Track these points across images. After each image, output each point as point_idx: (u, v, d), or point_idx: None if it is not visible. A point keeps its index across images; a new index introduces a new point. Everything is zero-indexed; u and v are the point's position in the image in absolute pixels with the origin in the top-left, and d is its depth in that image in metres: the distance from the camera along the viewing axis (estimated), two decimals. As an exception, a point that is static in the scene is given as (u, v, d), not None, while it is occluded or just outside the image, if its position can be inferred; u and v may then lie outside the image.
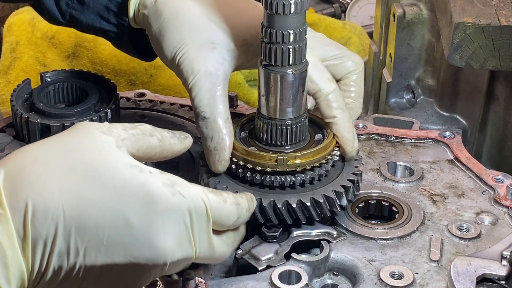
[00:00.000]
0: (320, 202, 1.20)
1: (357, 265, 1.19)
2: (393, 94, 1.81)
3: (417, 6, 1.73)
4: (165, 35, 1.26)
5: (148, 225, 0.98)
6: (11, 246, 0.93)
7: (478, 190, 1.36)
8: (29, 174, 0.96)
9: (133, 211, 0.98)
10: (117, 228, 0.97)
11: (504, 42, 1.49)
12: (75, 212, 0.96)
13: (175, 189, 1.01)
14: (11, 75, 2.01)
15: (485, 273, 1.13)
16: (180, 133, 1.14)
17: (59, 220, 0.95)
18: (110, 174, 0.98)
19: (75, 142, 1.00)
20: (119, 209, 0.97)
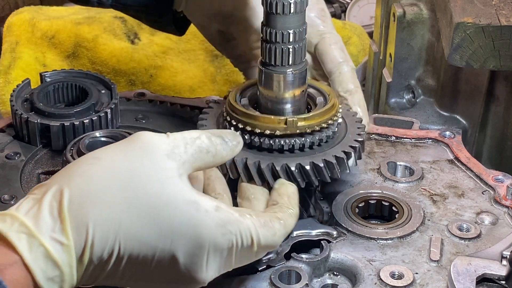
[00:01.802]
0: (332, 163, 1.20)
1: (357, 265, 1.19)
2: (393, 94, 1.81)
3: (417, 6, 1.73)
4: None
5: (193, 263, 1.02)
6: (70, 274, 0.97)
7: (478, 190, 1.36)
8: (93, 203, 0.97)
9: (183, 251, 1.00)
10: (164, 265, 1.01)
11: (504, 42, 1.48)
12: (130, 248, 0.98)
13: (227, 228, 1.02)
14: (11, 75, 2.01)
15: (485, 273, 1.13)
16: (233, 137, 1.11)
17: (114, 252, 0.98)
18: (169, 214, 0.99)
19: (140, 169, 1.00)
20: (170, 250, 1.00)
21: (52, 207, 0.97)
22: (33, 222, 0.95)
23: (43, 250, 0.94)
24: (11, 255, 0.94)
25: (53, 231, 0.95)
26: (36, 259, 0.94)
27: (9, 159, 1.40)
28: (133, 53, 2.00)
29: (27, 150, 1.42)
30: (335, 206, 1.30)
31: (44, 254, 0.94)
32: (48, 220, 0.96)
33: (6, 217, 0.96)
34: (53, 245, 0.95)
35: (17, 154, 1.41)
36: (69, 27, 2.10)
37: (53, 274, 0.95)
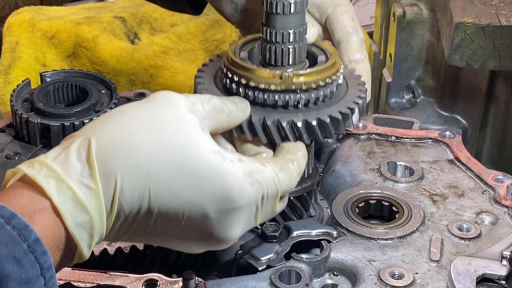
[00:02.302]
0: (326, 123, 1.16)
1: (357, 265, 1.19)
2: (393, 94, 1.81)
3: (417, 6, 1.73)
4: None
5: (224, 218, 1.02)
6: (100, 220, 0.96)
7: (478, 190, 1.36)
8: (121, 151, 0.97)
9: (213, 206, 1.00)
10: (195, 219, 1.00)
11: (504, 42, 1.48)
12: (159, 197, 0.98)
13: (254, 178, 1.03)
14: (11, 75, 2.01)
15: (485, 273, 1.13)
16: (240, 101, 1.13)
17: (144, 201, 0.97)
18: (197, 162, 0.99)
19: (164, 120, 1.01)
20: (200, 203, 0.99)
21: (80, 153, 0.96)
22: (61, 167, 0.95)
23: (71, 194, 0.94)
24: (40, 200, 0.93)
25: (82, 176, 0.95)
26: (65, 202, 0.93)
27: (9, 159, 1.40)
28: (133, 53, 2.00)
29: (27, 150, 1.42)
30: (335, 206, 1.30)
31: (73, 197, 0.94)
32: (76, 165, 0.95)
33: (35, 163, 0.96)
34: (81, 189, 0.94)
35: (17, 154, 1.41)
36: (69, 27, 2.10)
37: (82, 219, 0.94)
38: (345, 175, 1.40)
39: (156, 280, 1.13)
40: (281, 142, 1.15)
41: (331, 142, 1.50)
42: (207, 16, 2.04)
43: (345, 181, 1.39)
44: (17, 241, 0.88)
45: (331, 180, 1.42)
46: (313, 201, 1.36)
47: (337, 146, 1.49)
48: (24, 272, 0.88)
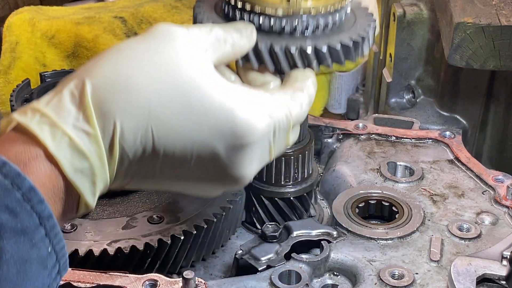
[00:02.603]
0: (337, 50, 1.10)
1: (357, 265, 1.19)
2: (393, 94, 1.81)
3: (417, 6, 1.73)
4: None
5: (235, 156, 0.96)
6: (101, 166, 0.91)
7: (478, 190, 1.36)
8: (118, 91, 0.91)
9: (222, 144, 0.95)
10: (204, 158, 0.95)
11: (504, 42, 1.48)
12: (164, 137, 0.92)
13: (264, 109, 0.97)
14: (11, 75, 2.01)
15: (485, 273, 1.13)
16: (245, 27, 1.06)
17: (148, 143, 0.92)
18: (200, 98, 0.93)
19: (163, 55, 0.94)
20: (208, 141, 0.94)
21: (74, 97, 0.91)
22: (55, 112, 0.90)
23: (67, 140, 0.89)
24: (34, 148, 0.88)
25: (77, 120, 0.90)
26: (61, 149, 0.88)
27: (9, 159, 1.40)
28: (133, 53, 2.00)
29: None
30: (335, 206, 1.30)
31: (69, 143, 0.89)
32: (70, 109, 0.90)
33: (27, 110, 0.91)
34: (77, 134, 0.89)
35: (17, 154, 1.41)
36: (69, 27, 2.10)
37: (81, 165, 0.90)
38: (345, 175, 1.40)
39: (156, 280, 1.13)
40: (289, 70, 1.09)
41: (331, 142, 1.50)
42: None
43: (345, 181, 1.39)
44: (9, 189, 0.83)
45: (331, 180, 1.42)
46: (313, 201, 1.36)
47: (337, 146, 1.49)
48: (20, 222, 0.82)
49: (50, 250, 0.85)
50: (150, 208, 1.28)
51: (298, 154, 1.29)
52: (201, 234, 1.23)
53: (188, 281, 1.10)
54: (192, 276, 1.10)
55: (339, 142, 1.49)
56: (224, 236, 1.29)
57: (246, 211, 1.36)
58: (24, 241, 0.83)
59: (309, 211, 1.35)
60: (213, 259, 1.30)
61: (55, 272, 0.87)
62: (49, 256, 0.85)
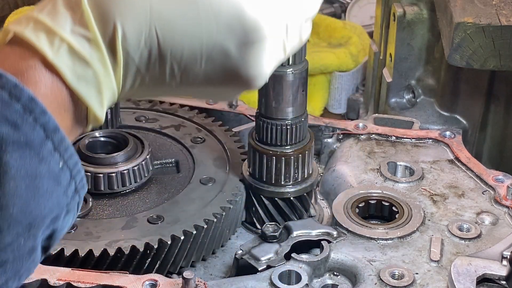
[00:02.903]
0: None
1: (357, 265, 1.19)
2: (393, 94, 1.81)
3: (417, 6, 1.72)
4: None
5: (247, 53, 0.91)
6: (105, 73, 0.86)
7: (479, 190, 1.35)
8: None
9: (232, 42, 0.89)
10: (215, 58, 0.90)
11: (504, 42, 1.48)
12: (169, 37, 0.87)
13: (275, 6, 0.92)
14: (11, 75, 2.01)
15: (485, 273, 1.13)
16: None
17: (153, 45, 0.87)
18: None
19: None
20: (216, 39, 0.89)
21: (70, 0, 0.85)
22: (50, 18, 0.84)
23: (66, 46, 0.84)
24: (31, 58, 0.83)
25: (74, 25, 0.84)
26: (60, 56, 0.83)
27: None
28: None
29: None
30: (335, 206, 1.30)
31: (68, 50, 0.84)
32: (66, 14, 0.85)
33: (21, 19, 0.85)
34: (76, 39, 0.84)
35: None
36: (69, 27, 2.10)
37: (84, 72, 0.85)
38: (345, 175, 1.40)
39: (156, 280, 1.13)
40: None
41: (331, 142, 1.50)
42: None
43: (345, 181, 1.39)
44: (7, 101, 0.77)
45: (331, 180, 1.42)
46: (313, 201, 1.36)
47: (337, 146, 1.49)
48: (23, 135, 0.77)
49: (61, 166, 0.81)
50: (150, 208, 1.28)
51: (298, 154, 1.29)
52: (201, 234, 1.23)
53: (188, 281, 1.10)
54: (192, 276, 1.10)
55: (339, 142, 1.49)
56: (224, 236, 1.29)
57: (246, 211, 1.36)
58: (31, 156, 0.78)
59: (309, 211, 1.35)
60: (213, 259, 1.30)
61: (71, 190, 0.83)
62: (62, 172, 0.81)
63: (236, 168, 1.36)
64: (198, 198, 1.29)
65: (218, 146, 1.43)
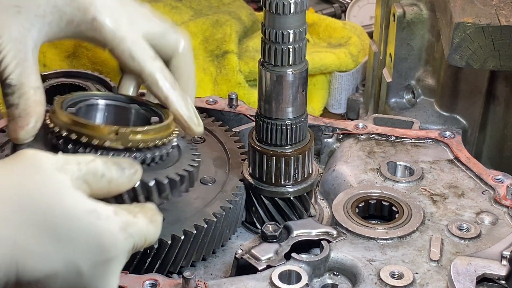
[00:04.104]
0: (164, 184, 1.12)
1: (357, 265, 1.19)
2: (393, 94, 1.81)
3: (417, 6, 1.73)
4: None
5: (99, 272, 0.96)
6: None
7: (478, 190, 1.36)
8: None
9: (87, 261, 0.95)
10: (68, 279, 0.95)
11: (504, 42, 1.48)
12: (29, 267, 0.91)
13: (128, 231, 0.97)
14: (11, 75, 2.01)
15: (485, 273, 1.13)
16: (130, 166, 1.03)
17: (11, 276, 0.91)
18: (68, 224, 0.93)
19: (29, 182, 0.93)
20: (72, 260, 0.94)
21: None
22: None
23: None
24: None
25: None
26: None
27: (9, 159, 1.40)
28: (133, 53, 2.00)
29: (27, 150, 1.41)
30: (335, 206, 1.30)
31: None
32: None
33: None
34: None
35: (17, 154, 1.40)
36: (69, 27, 2.10)
37: None
38: (345, 175, 1.40)
39: (156, 280, 1.13)
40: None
41: (331, 142, 1.50)
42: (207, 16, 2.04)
43: (345, 181, 1.39)
44: None
45: (331, 180, 1.42)
46: (313, 201, 1.37)
47: (337, 146, 1.49)
48: None
49: None
50: (150, 208, 1.28)
51: (298, 154, 1.29)
52: (201, 234, 1.23)
53: (188, 281, 1.10)
54: (192, 276, 1.10)
55: (339, 142, 1.49)
56: (224, 235, 1.29)
57: (246, 211, 1.36)
58: None
59: (309, 211, 1.35)
60: (213, 259, 1.30)
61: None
62: None
63: (236, 168, 1.36)
64: (198, 198, 1.29)
65: (218, 146, 1.43)
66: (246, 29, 2.03)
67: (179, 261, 1.22)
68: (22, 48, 1.12)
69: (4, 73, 1.10)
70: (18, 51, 1.11)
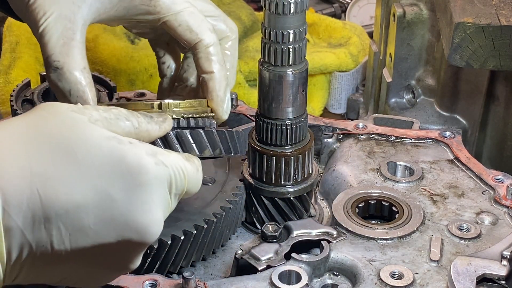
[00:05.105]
0: (199, 133, 1.12)
1: (357, 265, 1.19)
2: (393, 94, 1.81)
3: (417, 6, 1.73)
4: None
5: (135, 199, 0.90)
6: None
7: (478, 190, 1.36)
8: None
9: (117, 187, 0.89)
10: (102, 208, 0.89)
11: (504, 42, 1.48)
12: (53, 196, 0.86)
13: (158, 158, 0.93)
14: (11, 75, 2.01)
15: (485, 273, 1.13)
16: (158, 115, 1.03)
17: (36, 207, 0.86)
18: (86, 148, 0.88)
19: (43, 120, 0.90)
20: (100, 187, 0.88)
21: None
22: None
23: None
24: None
25: None
26: None
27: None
28: (133, 52, 2.00)
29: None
30: (335, 206, 1.30)
31: None
32: None
33: None
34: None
35: (17, 154, 1.40)
36: (69, 27, 2.10)
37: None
38: (345, 175, 1.40)
39: (156, 280, 1.13)
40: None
41: (331, 142, 1.50)
42: (207, 16, 2.04)
43: (345, 181, 1.39)
44: None
45: (331, 180, 1.42)
46: (313, 201, 1.37)
47: (337, 146, 1.49)
48: None
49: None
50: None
51: (298, 154, 1.29)
52: (201, 234, 1.23)
53: (188, 281, 1.10)
54: (192, 276, 1.10)
55: (339, 142, 1.49)
56: (224, 236, 1.29)
57: (246, 211, 1.36)
58: None
59: (309, 211, 1.35)
60: (213, 259, 1.30)
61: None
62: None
63: (236, 168, 1.36)
64: (198, 198, 1.29)
65: (218, 146, 1.43)
66: (246, 29, 2.03)
67: (179, 261, 1.22)
68: (71, 27, 1.07)
69: (50, 55, 1.07)
70: (66, 30, 1.07)
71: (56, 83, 1.07)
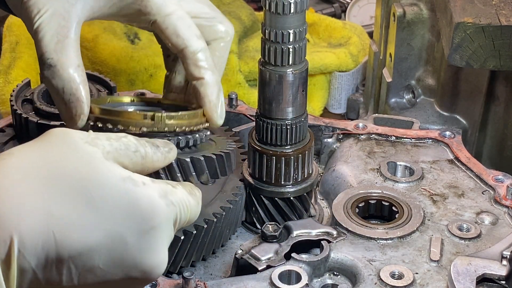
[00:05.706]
0: (200, 160, 1.11)
1: (357, 265, 1.19)
2: (393, 94, 1.81)
3: (417, 6, 1.73)
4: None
5: (145, 242, 0.92)
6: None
7: (478, 190, 1.36)
8: (11, 199, 0.85)
9: (130, 230, 0.90)
10: (113, 250, 0.90)
11: (504, 42, 1.48)
12: (68, 238, 0.87)
13: (169, 199, 0.94)
14: (11, 75, 2.01)
15: (485, 273, 1.13)
16: (164, 144, 1.03)
17: (50, 249, 0.87)
18: (103, 191, 0.89)
19: (59, 155, 0.90)
20: (114, 231, 0.90)
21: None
22: None
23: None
24: None
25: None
26: None
27: (9, 159, 1.39)
28: (133, 52, 2.00)
29: (27, 150, 1.41)
30: (335, 206, 1.30)
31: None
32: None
33: None
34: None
35: (17, 154, 1.40)
36: (69, 27, 2.10)
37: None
38: (345, 175, 1.40)
39: (156, 280, 1.13)
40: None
41: (331, 142, 1.50)
42: (207, 16, 2.04)
43: (345, 181, 1.39)
44: None
45: (331, 180, 1.42)
46: (313, 201, 1.37)
47: (337, 146, 1.49)
48: None
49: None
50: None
51: (298, 154, 1.29)
52: (201, 234, 1.23)
53: (188, 281, 1.10)
54: (192, 276, 1.10)
55: (339, 142, 1.49)
56: (224, 236, 1.29)
57: (246, 211, 1.36)
58: None
59: (309, 211, 1.35)
60: (213, 259, 1.30)
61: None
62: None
63: (236, 168, 1.36)
64: (198, 198, 1.29)
65: (218, 146, 1.43)
66: (246, 29, 2.03)
67: (179, 261, 1.22)
68: (65, 24, 1.07)
69: (44, 53, 1.07)
70: (61, 27, 1.06)
71: (50, 81, 1.06)
